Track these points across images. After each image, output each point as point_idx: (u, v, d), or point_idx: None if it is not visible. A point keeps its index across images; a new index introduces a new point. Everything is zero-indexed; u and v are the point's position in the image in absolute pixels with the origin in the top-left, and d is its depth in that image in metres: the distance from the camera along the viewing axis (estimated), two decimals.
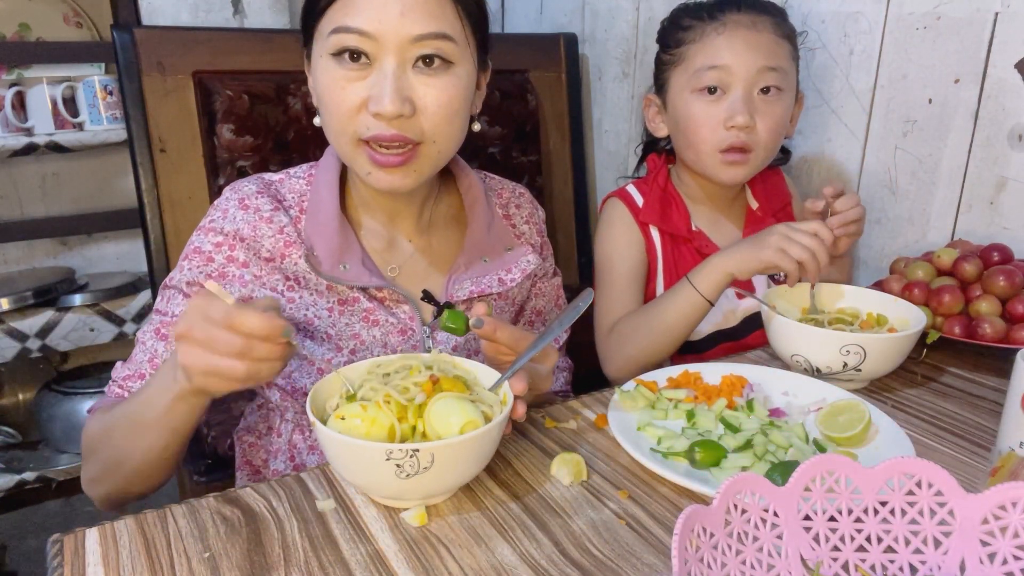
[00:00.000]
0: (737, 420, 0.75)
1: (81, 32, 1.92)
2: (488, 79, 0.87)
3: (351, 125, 0.75)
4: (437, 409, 0.61)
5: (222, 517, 0.62)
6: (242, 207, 0.81)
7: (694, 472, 0.67)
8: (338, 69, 0.74)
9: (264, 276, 0.81)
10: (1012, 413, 0.62)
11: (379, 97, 0.72)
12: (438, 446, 0.57)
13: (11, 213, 1.95)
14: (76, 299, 1.83)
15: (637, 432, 0.74)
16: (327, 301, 0.82)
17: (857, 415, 0.72)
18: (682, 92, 1.04)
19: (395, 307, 0.84)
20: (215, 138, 1.17)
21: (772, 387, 0.83)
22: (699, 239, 1.10)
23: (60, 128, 1.81)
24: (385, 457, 0.56)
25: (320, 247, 0.81)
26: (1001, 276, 0.91)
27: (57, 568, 0.56)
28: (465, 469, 0.61)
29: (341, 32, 0.73)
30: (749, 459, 0.68)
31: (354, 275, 0.81)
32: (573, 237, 1.61)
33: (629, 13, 1.54)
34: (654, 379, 0.83)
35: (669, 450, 0.70)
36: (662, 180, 1.13)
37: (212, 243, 0.80)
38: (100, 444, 0.76)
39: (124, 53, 1.12)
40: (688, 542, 0.42)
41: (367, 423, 0.60)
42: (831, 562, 0.49)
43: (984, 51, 1.01)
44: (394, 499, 0.62)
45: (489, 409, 0.64)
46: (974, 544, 0.47)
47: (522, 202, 0.98)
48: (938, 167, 1.09)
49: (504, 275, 0.89)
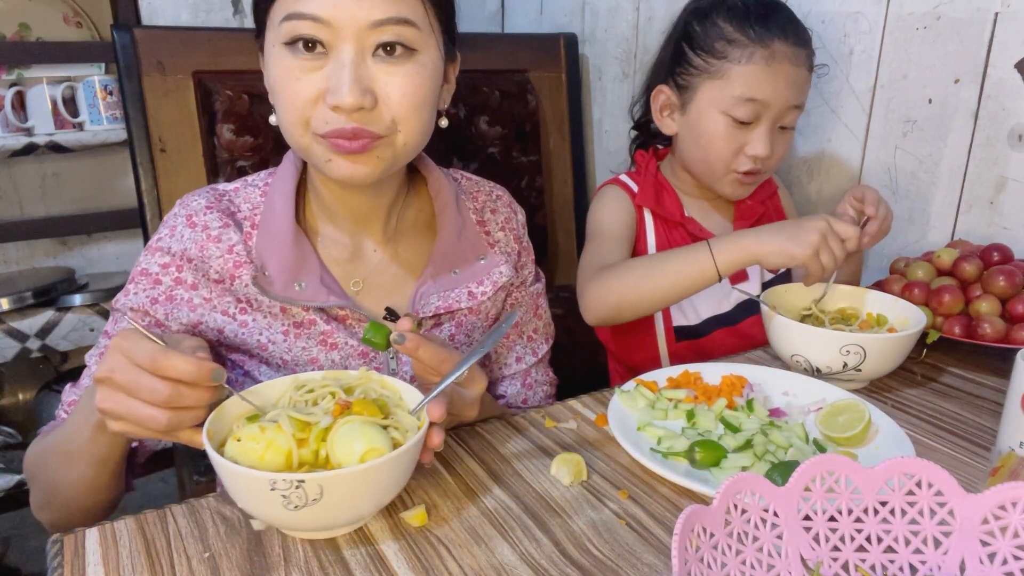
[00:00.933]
0: (737, 420, 0.75)
1: (81, 32, 1.92)
2: (457, 72, 0.83)
3: (306, 118, 0.70)
4: (340, 435, 0.57)
5: (222, 517, 0.62)
6: (190, 224, 0.77)
7: (694, 472, 0.67)
8: (291, 59, 0.69)
9: (215, 299, 0.76)
10: (1012, 413, 0.62)
11: (337, 88, 0.67)
12: (326, 477, 0.52)
13: (11, 213, 1.95)
14: (76, 299, 1.82)
15: (637, 432, 0.74)
16: (281, 324, 0.77)
17: (857, 415, 0.72)
18: (711, 108, 1.01)
19: (357, 326, 0.79)
20: (215, 138, 1.17)
21: (772, 387, 0.83)
22: (691, 224, 1.11)
23: (60, 128, 1.81)
24: (270, 487, 0.52)
25: (272, 265, 0.76)
26: (1001, 276, 0.91)
27: (57, 568, 0.56)
28: (363, 502, 0.56)
29: (293, 19, 0.67)
30: (749, 459, 0.67)
31: (311, 294, 0.76)
32: (573, 237, 1.61)
33: (629, 13, 1.54)
34: (654, 379, 0.83)
35: (669, 450, 0.70)
36: (653, 169, 1.14)
37: (159, 264, 0.76)
38: (38, 471, 0.74)
39: (124, 53, 1.12)
40: (688, 542, 0.42)
41: (264, 447, 0.56)
42: (831, 562, 0.49)
43: (984, 51, 1.01)
44: (291, 530, 0.59)
45: (403, 436, 0.59)
46: (974, 544, 0.47)
47: (498, 206, 0.92)
48: (938, 167, 1.09)
49: (475, 288, 0.84)
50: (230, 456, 0.56)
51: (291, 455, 0.56)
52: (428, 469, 0.69)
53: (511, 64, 1.49)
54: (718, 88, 1.00)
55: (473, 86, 1.40)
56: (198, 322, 0.76)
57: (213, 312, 0.77)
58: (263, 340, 0.77)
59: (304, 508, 0.53)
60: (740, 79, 0.98)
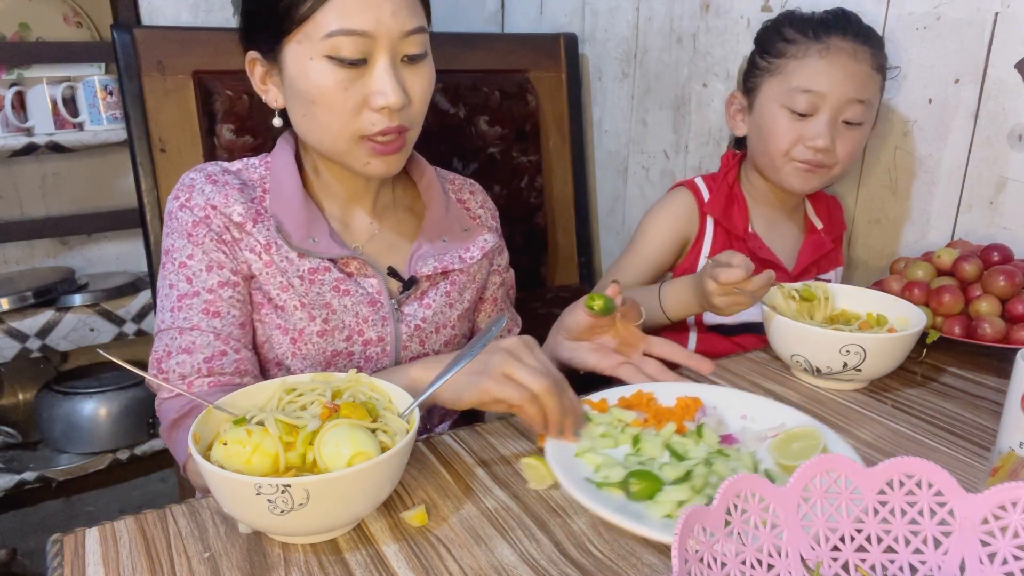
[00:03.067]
0: (684, 447, 0.69)
1: (81, 32, 1.92)
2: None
3: (353, 124, 0.77)
4: (327, 439, 0.56)
5: (222, 517, 0.62)
6: (210, 181, 0.82)
7: (628, 506, 0.61)
8: (339, 71, 0.75)
9: (242, 239, 0.82)
10: (1012, 413, 0.62)
11: (385, 92, 0.76)
12: (312, 481, 0.52)
13: (11, 213, 1.95)
14: (76, 299, 1.83)
15: (575, 458, 0.67)
16: (297, 269, 0.83)
17: (812, 443, 0.67)
18: (772, 103, 1.06)
19: (363, 279, 0.86)
20: (215, 138, 1.17)
21: (730, 410, 0.76)
22: (753, 241, 1.12)
23: (60, 128, 1.81)
24: (255, 491, 0.52)
25: (287, 222, 0.83)
26: (1001, 276, 0.91)
27: (57, 568, 0.56)
28: (352, 505, 0.56)
29: (338, 35, 0.74)
30: (686, 492, 0.61)
31: (324, 247, 0.83)
32: (573, 237, 1.61)
33: (629, 13, 1.54)
34: (604, 397, 0.77)
35: (605, 480, 0.63)
36: (731, 178, 1.15)
37: (194, 216, 0.81)
38: (192, 476, 0.77)
39: (124, 53, 1.12)
40: (688, 542, 0.42)
41: (251, 450, 0.55)
42: (831, 562, 0.49)
43: (984, 51, 1.01)
44: (278, 535, 0.59)
45: (391, 439, 0.59)
46: (974, 544, 0.47)
47: (475, 190, 1.01)
48: (938, 167, 1.09)
49: (464, 253, 0.93)
50: (216, 460, 0.56)
51: (278, 459, 0.56)
52: (428, 469, 0.69)
53: (511, 64, 1.49)
54: (778, 83, 1.05)
55: (473, 86, 1.40)
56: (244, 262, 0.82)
57: (241, 252, 0.82)
58: (284, 281, 0.83)
59: (290, 512, 0.53)
60: (797, 72, 1.03)
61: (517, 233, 1.47)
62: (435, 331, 0.91)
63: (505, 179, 1.47)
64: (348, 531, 0.60)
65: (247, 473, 0.55)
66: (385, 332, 0.87)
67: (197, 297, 0.80)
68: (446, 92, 1.37)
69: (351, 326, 0.85)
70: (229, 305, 0.80)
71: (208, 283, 0.80)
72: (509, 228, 1.01)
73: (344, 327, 0.85)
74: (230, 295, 0.81)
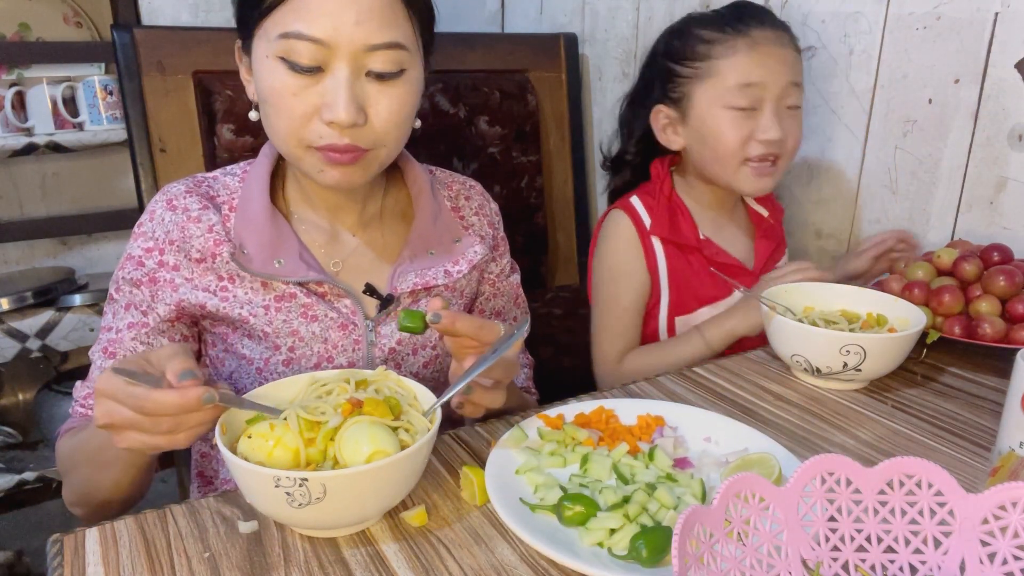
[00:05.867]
0: (632, 470, 0.66)
1: (81, 32, 1.92)
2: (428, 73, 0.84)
3: (301, 131, 0.73)
4: (348, 435, 0.57)
5: (222, 517, 0.62)
6: (170, 208, 0.79)
7: (560, 532, 0.58)
8: (288, 75, 0.71)
9: (196, 278, 0.79)
10: (1012, 413, 0.62)
11: (334, 106, 0.70)
12: (329, 476, 0.53)
13: (11, 213, 1.95)
14: (76, 299, 1.82)
15: (516, 476, 0.65)
16: (262, 299, 0.79)
17: (767, 470, 0.65)
18: (711, 107, 1.03)
19: (336, 301, 0.82)
20: (215, 138, 1.17)
21: (694, 431, 0.73)
22: (708, 247, 1.11)
23: (60, 128, 1.81)
24: (274, 484, 0.53)
25: (251, 243, 0.78)
26: (1001, 276, 0.91)
27: (57, 568, 0.56)
28: (367, 502, 0.56)
29: (292, 38, 0.69)
30: (619, 520, 0.57)
31: (290, 270, 0.78)
32: (573, 237, 1.61)
33: (629, 13, 1.54)
34: (562, 412, 0.75)
35: (541, 502, 0.61)
36: (667, 189, 1.13)
37: (142, 248, 0.79)
38: (71, 471, 0.76)
39: (124, 53, 1.12)
40: (688, 542, 0.42)
41: (273, 444, 0.57)
42: (831, 562, 0.49)
43: (984, 51, 1.01)
44: (296, 528, 0.60)
45: (412, 438, 0.59)
46: (974, 544, 0.47)
47: (472, 194, 0.95)
48: (938, 167, 1.09)
49: (451, 267, 0.87)
50: (242, 452, 0.57)
51: (298, 453, 0.57)
52: (428, 469, 0.69)
53: (511, 64, 1.49)
54: (711, 86, 1.03)
55: (473, 86, 1.40)
56: (181, 300, 0.79)
57: (195, 290, 0.79)
58: (244, 313, 0.79)
59: (308, 506, 0.54)
60: (730, 70, 1.02)
61: (517, 233, 1.47)
62: (412, 353, 0.86)
63: (505, 179, 1.47)
64: (359, 530, 0.60)
65: (269, 466, 0.56)
66: (356, 357, 0.82)
67: (107, 332, 0.81)
68: (446, 92, 1.37)
69: (320, 353, 0.81)
70: (127, 350, 0.79)
71: (117, 323, 0.80)
72: (509, 228, 1.01)
73: (312, 355, 0.81)
74: (132, 337, 0.79)
